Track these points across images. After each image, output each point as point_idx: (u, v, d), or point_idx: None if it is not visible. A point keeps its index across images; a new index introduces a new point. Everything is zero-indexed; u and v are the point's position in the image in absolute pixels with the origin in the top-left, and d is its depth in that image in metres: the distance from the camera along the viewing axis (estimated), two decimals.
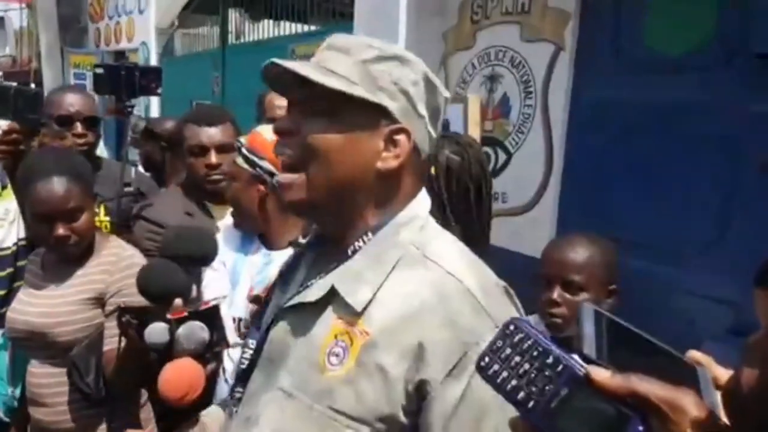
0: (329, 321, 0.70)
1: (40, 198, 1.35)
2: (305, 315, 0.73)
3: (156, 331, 1.16)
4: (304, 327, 0.72)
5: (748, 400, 0.39)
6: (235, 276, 1.38)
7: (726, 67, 1.66)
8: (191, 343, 1.14)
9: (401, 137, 0.72)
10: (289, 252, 1.32)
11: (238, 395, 0.80)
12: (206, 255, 1.27)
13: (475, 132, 1.96)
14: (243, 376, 0.80)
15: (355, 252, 0.73)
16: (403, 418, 0.66)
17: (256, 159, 1.32)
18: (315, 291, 0.72)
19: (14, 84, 1.93)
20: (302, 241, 0.86)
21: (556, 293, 1.22)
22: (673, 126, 1.79)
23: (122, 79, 2.01)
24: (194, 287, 1.27)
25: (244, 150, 1.32)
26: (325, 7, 3.88)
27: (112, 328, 1.28)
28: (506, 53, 2.29)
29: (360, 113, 0.70)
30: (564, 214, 2.13)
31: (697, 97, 1.72)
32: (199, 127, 1.64)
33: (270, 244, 1.37)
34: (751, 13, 1.60)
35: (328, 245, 0.78)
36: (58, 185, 1.35)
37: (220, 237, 1.41)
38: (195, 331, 1.14)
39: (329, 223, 0.77)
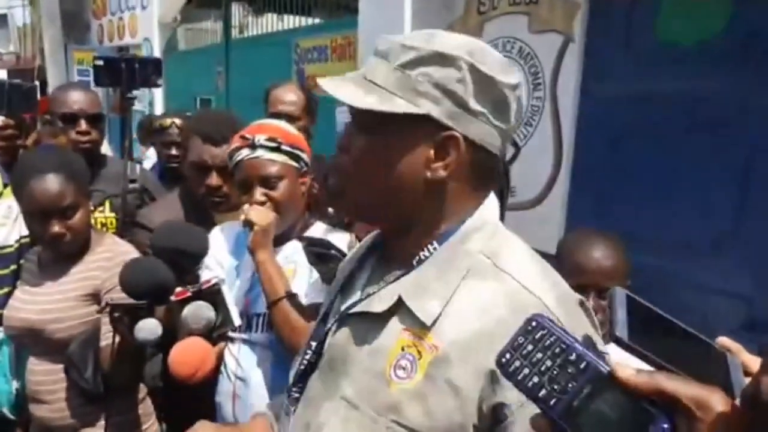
0: (395, 332, 0.68)
1: (34, 195, 1.34)
2: (369, 324, 0.70)
3: (145, 328, 1.16)
4: (368, 336, 0.70)
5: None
6: (231, 278, 1.36)
7: (738, 59, 1.63)
8: (197, 322, 1.14)
9: (450, 144, 0.67)
10: (291, 246, 1.32)
11: (295, 395, 0.79)
12: (196, 250, 1.26)
13: None
14: (302, 377, 0.78)
15: (420, 262, 0.70)
16: None
17: (299, 153, 1.30)
18: (381, 301, 0.70)
19: (7, 79, 1.93)
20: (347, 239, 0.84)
21: (592, 302, 1.20)
22: (684, 118, 1.76)
23: (122, 71, 2.01)
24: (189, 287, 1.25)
25: (286, 147, 1.28)
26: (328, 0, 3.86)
27: (108, 323, 1.28)
28: (514, 44, 2.26)
29: (403, 125, 0.67)
30: (573, 208, 2.10)
31: (708, 88, 1.69)
32: (203, 144, 1.57)
33: (281, 240, 1.36)
34: (763, 4, 1.56)
35: (391, 251, 0.76)
36: (52, 183, 1.34)
37: (219, 238, 1.39)
38: (200, 310, 1.14)
39: (388, 230, 0.76)
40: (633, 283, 1.35)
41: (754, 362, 0.54)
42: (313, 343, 0.79)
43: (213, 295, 1.17)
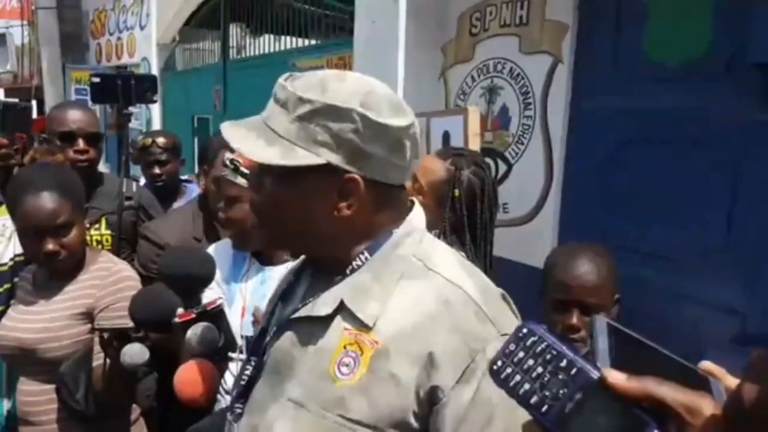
0: (338, 332, 0.72)
1: (28, 213, 1.34)
2: (312, 327, 0.74)
3: (131, 352, 1.15)
4: (312, 339, 0.73)
5: (749, 417, 0.38)
6: (229, 298, 1.36)
7: (724, 77, 1.67)
8: (202, 343, 1.12)
9: (351, 186, 0.71)
10: (284, 267, 1.33)
11: (238, 410, 0.80)
12: (203, 275, 1.25)
13: (474, 143, 1.97)
14: (244, 392, 0.80)
15: (353, 270, 0.75)
16: (414, 423, 0.68)
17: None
18: (324, 305, 0.74)
19: (2, 99, 1.95)
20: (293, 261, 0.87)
21: (575, 318, 1.19)
22: (673, 136, 1.79)
23: (118, 88, 2.03)
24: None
25: (243, 169, 1.29)
26: (325, 21, 3.92)
27: None
28: (505, 65, 2.31)
29: (306, 173, 0.71)
30: (565, 224, 2.13)
31: (696, 106, 1.73)
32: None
33: (269, 260, 1.36)
34: (748, 23, 1.61)
35: (322, 265, 0.80)
36: (47, 200, 1.34)
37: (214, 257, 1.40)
38: (205, 331, 1.12)
39: (314, 257, 0.81)
40: (624, 297, 1.36)
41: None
42: (253, 358, 0.82)
43: (216, 316, 1.15)
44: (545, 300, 1.26)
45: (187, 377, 1.10)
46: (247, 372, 0.81)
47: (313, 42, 4.09)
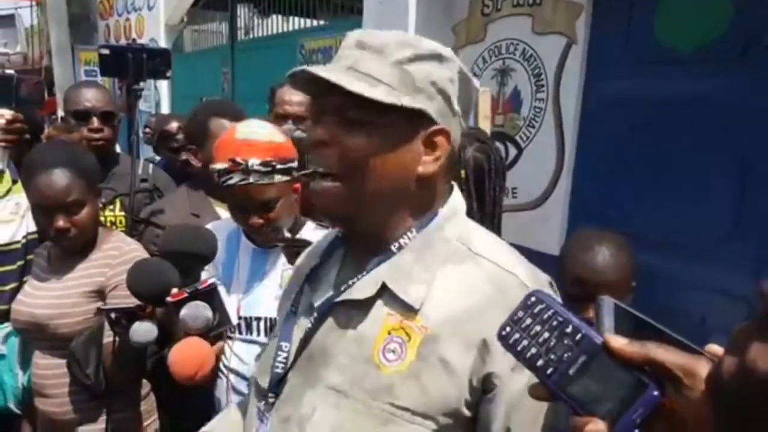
0: (380, 317, 0.70)
1: (40, 190, 1.36)
2: (351, 312, 0.72)
3: (139, 330, 1.16)
4: (351, 324, 0.71)
5: (727, 388, 0.39)
6: (227, 277, 1.36)
7: (739, 61, 1.64)
8: (196, 322, 1.13)
9: (440, 139, 0.71)
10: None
11: (271, 400, 0.77)
12: (205, 252, 1.25)
13: (485, 126, 1.96)
14: (281, 381, 0.77)
15: (400, 248, 0.72)
16: (466, 411, 0.67)
17: (291, 165, 1.27)
18: (364, 288, 0.71)
19: (15, 74, 1.93)
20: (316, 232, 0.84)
21: (591, 312, 1.20)
22: (686, 120, 1.77)
23: (129, 61, 1.89)
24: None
25: (280, 166, 1.23)
26: (333, 1, 3.88)
27: None
28: (517, 46, 2.27)
29: (400, 120, 0.68)
30: (575, 209, 2.11)
31: (710, 91, 1.70)
32: (230, 122, 1.57)
33: (262, 242, 1.36)
34: (764, 6, 1.58)
35: (362, 241, 0.76)
36: (59, 177, 1.36)
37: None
38: (198, 310, 1.14)
39: (367, 228, 0.74)
40: (635, 283, 1.36)
41: None
42: (285, 344, 0.78)
43: (209, 295, 1.16)
44: (561, 289, 1.26)
45: (181, 357, 1.12)
46: (281, 359, 0.77)
47: (321, 22, 4.05)
